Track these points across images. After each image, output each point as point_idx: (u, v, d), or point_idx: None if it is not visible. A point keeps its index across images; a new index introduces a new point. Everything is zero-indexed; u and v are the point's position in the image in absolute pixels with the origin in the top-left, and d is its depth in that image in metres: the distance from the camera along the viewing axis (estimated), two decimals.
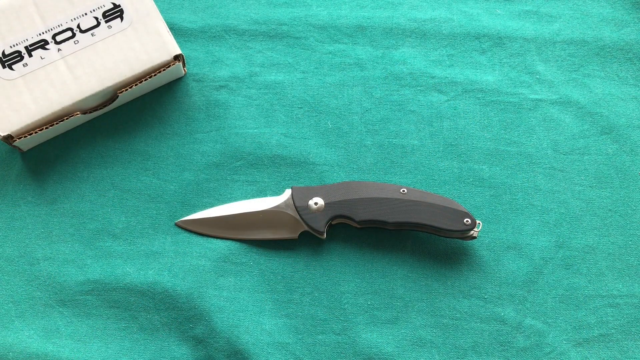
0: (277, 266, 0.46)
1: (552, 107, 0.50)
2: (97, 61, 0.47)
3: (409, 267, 0.46)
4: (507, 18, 0.53)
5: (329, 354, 0.44)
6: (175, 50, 0.48)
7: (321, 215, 0.45)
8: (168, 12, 0.53)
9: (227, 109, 0.50)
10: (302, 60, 0.52)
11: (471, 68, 0.51)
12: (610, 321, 0.44)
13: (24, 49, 0.47)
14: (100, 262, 0.46)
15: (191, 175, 0.49)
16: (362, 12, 0.53)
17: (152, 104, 0.51)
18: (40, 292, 0.46)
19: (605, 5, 0.53)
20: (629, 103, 0.50)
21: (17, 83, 0.46)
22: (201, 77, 0.51)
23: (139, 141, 0.50)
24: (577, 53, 0.51)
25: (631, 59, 0.51)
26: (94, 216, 0.48)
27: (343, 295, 0.45)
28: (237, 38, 0.52)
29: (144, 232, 0.47)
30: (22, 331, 0.45)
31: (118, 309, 0.45)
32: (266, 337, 0.44)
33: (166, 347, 0.44)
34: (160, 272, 0.46)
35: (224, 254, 0.46)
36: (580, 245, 0.46)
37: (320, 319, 0.45)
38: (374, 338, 0.44)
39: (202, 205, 0.48)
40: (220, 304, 0.45)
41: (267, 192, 0.48)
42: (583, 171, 0.48)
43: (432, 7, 0.53)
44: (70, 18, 0.48)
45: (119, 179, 0.49)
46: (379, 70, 0.51)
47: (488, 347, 0.44)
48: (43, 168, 0.49)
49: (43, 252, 0.47)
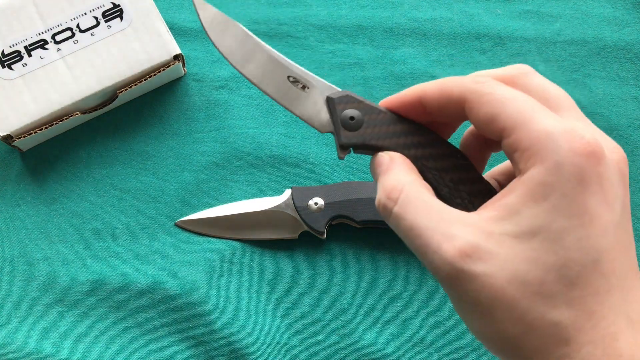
0: (277, 266, 0.46)
1: None
2: (97, 61, 0.47)
3: (409, 267, 0.46)
4: (507, 18, 0.53)
5: (329, 355, 0.44)
6: (175, 50, 0.48)
7: (321, 215, 0.45)
8: (168, 12, 0.53)
9: (227, 108, 0.50)
10: (302, 60, 0.52)
11: (472, 68, 0.51)
12: None
13: (24, 49, 0.47)
14: (100, 262, 0.46)
15: (191, 175, 0.49)
16: (362, 12, 0.53)
17: (152, 104, 0.50)
18: (40, 292, 0.46)
19: (606, 5, 0.53)
20: (629, 103, 0.50)
21: (17, 83, 0.46)
22: (201, 76, 0.51)
23: (139, 141, 0.50)
24: (577, 53, 0.51)
25: (632, 59, 0.51)
26: (93, 216, 0.48)
27: (343, 296, 0.45)
28: None
29: (143, 232, 0.47)
30: (22, 331, 0.45)
31: (118, 309, 0.45)
32: (266, 338, 0.44)
33: (166, 348, 0.44)
34: (159, 272, 0.46)
35: (223, 254, 0.46)
36: None
37: (320, 319, 0.45)
38: (374, 338, 0.44)
39: (202, 205, 0.48)
40: (220, 304, 0.45)
41: (267, 192, 0.48)
42: None
43: (433, 7, 0.53)
44: (69, 18, 0.48)
45: (118, 179, 0.49)
46: (379, 70, 0.51)
47: None
48: (42, 168, 0.49)
49: (42, 252, 0.47)
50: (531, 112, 0.26)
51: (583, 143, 0.25)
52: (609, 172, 0.26)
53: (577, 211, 0.25)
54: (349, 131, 0.31)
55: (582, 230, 0.25)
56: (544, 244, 0.25)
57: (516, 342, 0.26)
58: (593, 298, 0.25)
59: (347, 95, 0.31)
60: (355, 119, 0.31)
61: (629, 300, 0.26)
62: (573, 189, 0.25)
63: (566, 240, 0.25)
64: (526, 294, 0.25)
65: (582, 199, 0.25)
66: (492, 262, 0.26)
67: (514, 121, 0.26)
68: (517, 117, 0.26)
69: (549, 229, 0.25)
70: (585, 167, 0.25)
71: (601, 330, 0.25)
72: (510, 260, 0.26)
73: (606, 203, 0.26)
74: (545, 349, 0.26)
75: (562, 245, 0.25)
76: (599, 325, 0.25)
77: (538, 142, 0.26)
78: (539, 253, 0.25)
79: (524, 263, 0.25)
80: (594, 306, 0.25)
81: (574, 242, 0.25)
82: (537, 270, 0.25)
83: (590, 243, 0.25)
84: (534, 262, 0.25)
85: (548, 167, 0.25)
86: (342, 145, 0.31)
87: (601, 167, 0.25)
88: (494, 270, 0.26)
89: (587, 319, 0.25)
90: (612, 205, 0.26)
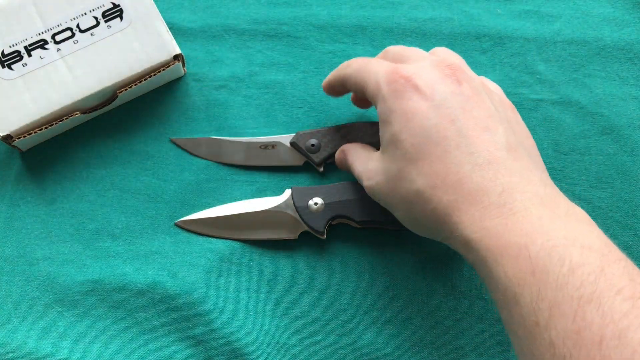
0: (277, 266, 0.46)
1: (553, 107, 0.50)
2: (97, 61, 0.47)
3: (409, 267, 0.46)
4: (507, 18, 0.53)
5: (329, 355, 0.44)
6: (175, 50, 0.48)
7: (321, 215, 0.45)
8: (168, 12, 0.53)
9: (227, 108, 0.50)
10: (302, 60, 0.52)
11: (472, 68, 0.51)
12: None
13: (23, 49, 0.47)
14: (100, 262, 0.46)
15: (191, 175, 0.49)
16: (362, 12, 0.53)
17: (152, 104, 0.50)
18: (40, 292, 0.46)
19: (606, 5, 0.53)
20: (629, 103, 0.50)
21: (17, 83, 0.46)
22: (201, 76, 0.51)
23: (139, 141, 0.50)
24: (577, 53, 0.51)
25: (632, 59, 0.51)
26: (93, 216, 0.48)
27: (343, 296, 0.45)
28: (237, 38, 0.52)
29: (143, 232, 0.47)
30: (22, 331, 0.45)
31: (118, 309, 0.45)
32: (266, 338, 0.44)
33: (166, 348, 0.44)
34: (159, 272, 0.46)
35: (223, 254, 0.46)
36: None
37: (320, 319, 0.45)
38: (374, 338, 0.44)
39: (202, 205, 0.48)
40: (220, 304, 0.45)
41: (267, 192, 0.48)
42: (584, 171, 0.48)
43: (433, 6, 0.53)
44: (69, 18, 0.48)
45: (118, 178, 0.49)
46: None
47: (488, 347, 0.44)
48: (42, 168, 0.49)
49: (42, 252, 0.47)
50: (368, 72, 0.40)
51: (397, 73, 0.37)
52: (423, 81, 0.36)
53: (400, 114, 0.36)
54: (314, 153, 0.47)
55: (408, 123, 0.36)
56: (391, 146, 0.37)
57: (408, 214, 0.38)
58: (436, 162, 0.35)
59: (300, 134, 0.48)
60: (314, 144, 0.47)
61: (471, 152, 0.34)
62: (394, 104, 0.37)
63: (401, 134, 0.36)
64: (397, 181, 0.37)
65: (401, 104, 0.36)
66: (379, 175, 0.39)
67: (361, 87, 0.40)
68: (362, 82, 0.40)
69: (390, 136, 0.37)
70: (397, 87, 0.37)
71: (448, 180, 0.34)
72: (384, 166, 0.38)
73: (424, 98, 0.36)
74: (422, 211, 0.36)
75: (399, 139, 0.36)
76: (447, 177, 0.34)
77: (373, 91, 0.39)
78: (391, 153, 0.37)
79: (389, 163, 0.38)
80: (438, 166, 0.34)
81: (406, 132, 0.36)
82: (395, 165, 0.37)
83: (417, 128, 0.35)
84: (392, 160, 0.37)
85: (380, 101, 0.38)
86: (317, 163, 0.47)
87: (413, 81, 0.36)
88: (381, 179, 0.39)
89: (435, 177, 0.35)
90: (431, 97, 0.36)
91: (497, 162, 0.34)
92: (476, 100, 0.36)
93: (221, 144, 0.49)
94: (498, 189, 0.33)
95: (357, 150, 0.44)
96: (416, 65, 0.38)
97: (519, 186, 0.33)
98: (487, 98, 0.37)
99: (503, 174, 0.33)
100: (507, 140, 0.35)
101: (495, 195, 0.33)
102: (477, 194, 0.33)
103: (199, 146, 0.49)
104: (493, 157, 0.34)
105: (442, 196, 0.34)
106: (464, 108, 0.35)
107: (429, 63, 0.38)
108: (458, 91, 0.36)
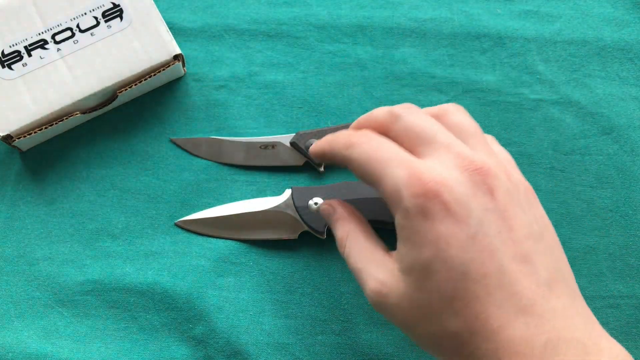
0: (277, 266, 0.46)
1: (553, 107, 0.50)
2: (97, 61, 0.47)
3: None
4: (507, 18, 0.53)
5: (329, 355, 0.44)
6: (175, 50, 0.48)
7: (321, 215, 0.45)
8: (168, 11, 0.53)
9: (227, 108, 0.50)
10: (302, 60, 0.52)
11: (472, 68, 0.51)
12: (610, 322, 0.44)
13: (24, 49, 0.47)
14: (100, 262, 0.46)
15: (191, 175, 0.49)
16: (362, 12, 0.53)
17: (152, 104, 0.50)
18: (40, 292, 0.46)
19: (606, 5, 0.53)
20: (629, 103, 0.50)
21: (17, 83, 0.46)
22: (201, 76, 0.51)
23: (139, 141, 0.50)
24: (577, 53, 0.51)
25: (632, 59, 0.51)
26: (93, 216, 0.48)
27: (343, 296, 0.45)
28: (237, 38, 0.52)
29: (143, 232, 0.47)
30: (22, 331, 0.45)
31: (118, 310, 0.45)
32: (266, 338, 0.44)
33: (166, 348, 0.44)
34: (159, 272, 0.46)
35: (223, 254, 0.46)
36: (580, 246, 0.46)
37: (320, 319, 0.45)
38: (374, 339, 0.44)
39: (202, 205, 0.48)
40: (220, 304, 0.45)
41: (267, 192, 0.48)
42: (584, 171, 0.48)
43: (433, 6, 0.53)
44: (69, 18, 0.48)
45: (118, 178, 0.49)
46: (379, 70, 0.51)
47: None
48: (42, 168, 0.49)
49: (42, 252, 0.47)
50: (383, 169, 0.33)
51: (420, 185, 0.31)
52: (454, 198, 0.31)
53: (431, 239, 0.31)
54: None
55: (441, 253, 0.31)
56: (420, 274, 0.31)
57: (435, 349, 0.33)
58: (475, 303, 0.30)
59: (300, 134, 0.47)
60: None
61: (513, 292, 0.30)
62: (421, 224, 0.31)
63: (434, 264, 0.31)
64: (425, 315, 0.32)
65: (431, 228, 0.31)
66: (396, 295, 0.33)
67: (372, 181, 0.34)
68: (374, 176, 0.33)
69: (418, 261, 0.31)
70: (425, 204, 0.31)
71: (489, 327, 0.30)
72: (407, 291, 0.32)
73: (457, 223, 0.31)
74: (455, 351, 0.31)
75: (431, 270, 0.31)
76: (487, 323, 0.30)
77: (390, 195, 0.32)
78: (420, 282, 0.32)
79: (415, 292, 0.32)
80: (478, 309, 0.30)
81: (440, 263, 0.31)
82: (423, 296, 0.31)
83: (453, 260, 0.30)
84: (420, 290, 0.32)
85: (401, 213, 0.32)
86: (317, 163, 0.47)
87: (442, 197, 0.31)
88: (398, 300, 0.33)
89: (474, 321, 0.30)
90: (466, 221, 0.31)
91: (541, 303, 0.30)
92: (512, 213, 0.32)
93: (221, 144, 0.49)
94: (542, 339, 0.30)
95: (358, 240, 0.37)
96: (442, 171, 0.32)
97: (563, 333, 0.30)
98: (518, 204, 0.33)
99: (548, 319, 0.30)
100: (547, 270, 0.31)
101: (539, 347, 0.30)
102: (520, 343, 0.30)
103: (199, 146, 0.49)
104: (536, 297, 0.30)
105: (481, 344, 0.30)
106: (500, 232, 0.31)
107: (454, 164, 0.32)
108: (492, 206, 0.31)
